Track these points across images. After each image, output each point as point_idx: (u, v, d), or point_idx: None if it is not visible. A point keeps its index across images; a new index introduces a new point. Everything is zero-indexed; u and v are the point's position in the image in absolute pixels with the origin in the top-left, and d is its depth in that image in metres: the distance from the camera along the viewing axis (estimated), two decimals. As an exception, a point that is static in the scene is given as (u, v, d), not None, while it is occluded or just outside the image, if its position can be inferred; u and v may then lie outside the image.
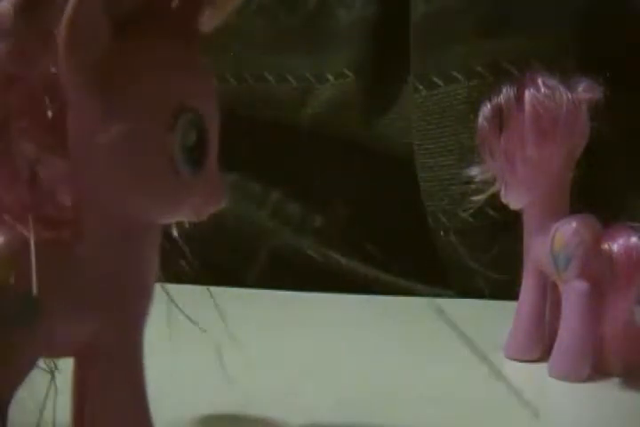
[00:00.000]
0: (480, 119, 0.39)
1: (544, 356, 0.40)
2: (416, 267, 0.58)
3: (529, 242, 0.41)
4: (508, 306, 0.44)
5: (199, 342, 0.30)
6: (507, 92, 0.38)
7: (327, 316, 0.51)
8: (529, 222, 0.41)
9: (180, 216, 0.25)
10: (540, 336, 0.41)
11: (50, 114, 0.21)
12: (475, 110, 0.40)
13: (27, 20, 0.22)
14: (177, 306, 0.28)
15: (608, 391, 0.37)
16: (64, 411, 0.24)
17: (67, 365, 0.23)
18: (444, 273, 0.57)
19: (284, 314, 0.51)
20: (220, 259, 0.28)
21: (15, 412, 0.21)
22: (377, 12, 0.57)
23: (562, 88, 0.38)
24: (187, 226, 0.28)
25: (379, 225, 0.60)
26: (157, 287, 0.28)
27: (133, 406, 0.24)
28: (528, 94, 0.38)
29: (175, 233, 0.28)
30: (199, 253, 0.29)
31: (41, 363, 0.22)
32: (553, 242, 0.39)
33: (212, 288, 0.30)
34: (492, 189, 0.40)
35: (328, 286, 0.56)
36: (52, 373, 0.22)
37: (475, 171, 0.39)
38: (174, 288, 0.29)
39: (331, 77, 0.59)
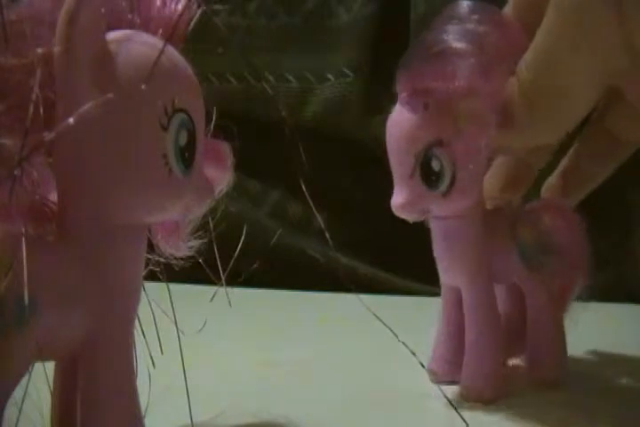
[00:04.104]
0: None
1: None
2: (416, 267, 0.57)
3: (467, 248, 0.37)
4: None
5: (197, 340, 0.30)
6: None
7: (327, 315, 0.51)
8: (475, 224, 0.36)
9: (169, 215, 0.25)
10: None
11: (35, 111, 0.21)
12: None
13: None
14: (172, 306, 0.28)
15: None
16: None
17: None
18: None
19: (284, 313, 0.51)
20: (219, 258, 0.28)
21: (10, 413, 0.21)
22: (377, 12, 0.57)
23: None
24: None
25: (378, 225, 0.59)
26: (157, 287, 0.28)
27: (123, 403, 0.24)
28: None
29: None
30: (198, 252, 0.29)
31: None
32: (522, 234, 0.36)
33: (211, 288, 0.30)
34: None
35: (328, 286, 0.56)
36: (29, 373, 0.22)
37: None
38: (173, 288, 0.29)
39: (331, 77, 0.59)
